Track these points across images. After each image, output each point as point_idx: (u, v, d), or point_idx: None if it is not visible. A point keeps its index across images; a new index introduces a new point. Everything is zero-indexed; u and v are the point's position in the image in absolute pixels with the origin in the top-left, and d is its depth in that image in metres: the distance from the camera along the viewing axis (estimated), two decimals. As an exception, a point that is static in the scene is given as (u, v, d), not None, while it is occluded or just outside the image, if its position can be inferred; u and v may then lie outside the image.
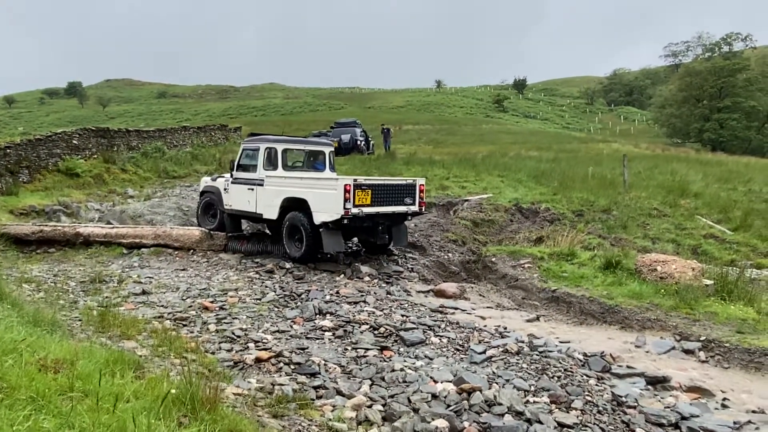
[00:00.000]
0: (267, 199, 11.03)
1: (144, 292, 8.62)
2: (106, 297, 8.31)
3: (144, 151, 22.10)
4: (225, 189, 12.20)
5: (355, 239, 12.03)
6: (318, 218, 9.97)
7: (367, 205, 9.86)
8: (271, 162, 11.43)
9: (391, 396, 5.23)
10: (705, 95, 58.98)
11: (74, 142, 19.46)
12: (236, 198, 11.88)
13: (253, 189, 11.39)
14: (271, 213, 10.95)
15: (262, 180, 11.21)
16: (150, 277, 9.64)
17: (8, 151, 16.51)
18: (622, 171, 16.76)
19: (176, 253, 11.43)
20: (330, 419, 4.63)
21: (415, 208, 10.69)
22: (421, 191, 10.75)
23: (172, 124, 37.03)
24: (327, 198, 9.81)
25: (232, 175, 12.03)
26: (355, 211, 9.62)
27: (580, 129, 72.15)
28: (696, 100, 59.39)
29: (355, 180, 9.72)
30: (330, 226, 9.90)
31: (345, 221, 9.68)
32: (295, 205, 10.47)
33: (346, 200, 9.49)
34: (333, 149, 12.84)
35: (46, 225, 12.38)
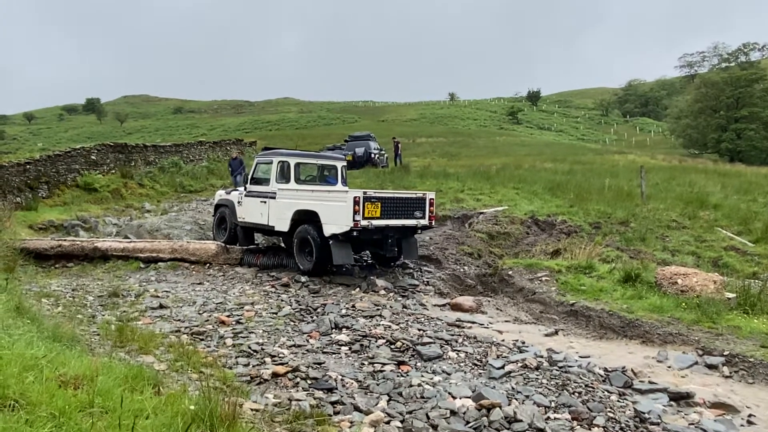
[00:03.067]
0: (279, 212, 11.16)
1: (161, 306, 8.66)
2: (124, 311, 8.36)
3: (161, 166, 22.35)
4: (239, 202, 12.40)
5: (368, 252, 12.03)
6: (328, 230, 10.04)
7: (377, 218, 9.93)
8: (284, 175, 11.57)
9: (410, 412, 5.17)
10: (722, 105, 58.36)
11: (92, 157, 19.73)
12: (249, 210, 12.05)
13: (265, 202, 11.53)
14: (283, 225, 11.07)
15: (275, 193, 11.33)
16: (167, 291, 9.69)
17: (28, 166, 16.78)
18: (640, 182, 16.58)
19: (193, 266, 11.50)
20: (348, 436, 4.58)
21: (425, 221, 10.71)
22: (431, 205, 10.77)
23: (189, 139, 37.41)
24: (337, 210, 9.89)
25: (245, 188, 12.21)
26: (364, 223, 9.69)
27: (595, 140, 71.77)
28: (713, 111, 58.78)
29: (365, 193, 9.80)
30: (339, 238, 9.96)
31: (354, 233, 9.74)
32: (305, 218, 10.56)
33: (355, 212, 9.58)
34: (345, 163, 12.99)
35: (65, 240, 12.53)
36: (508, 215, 14.31)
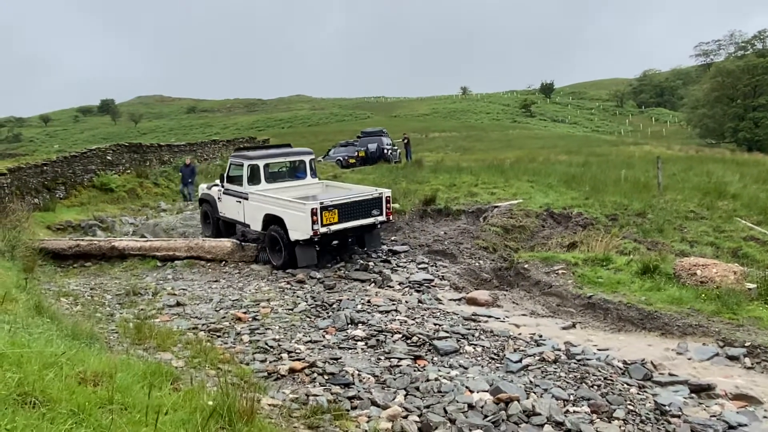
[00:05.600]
0: (252, 213, 11.92)
1: (178, 304, 8.73)
2: (142, 309, 8.44)
3: (175, 165, 22.47)
4: (218, 198, 13.17)
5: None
6: (292, 236, 10.75)
7: (335, 223, 10.71)
8: (254, 177, 12.21)
9: (427, 406, 5.16)
10: (738, 94, 57.51)
11: (108, 158, 19.90)
12: (228, 207, 12.87)
13: (240, 202, 12.26)
14: (257, 225, 11.82)
15: (248, 195, 12.01)
16: (184, 289, 9.76)
17: (45, 168, 16.95)
18: (656, 173, 16.38)
19: (209, 264, 11.56)
20: (365, 430, 4.58)
21: (382, 218, 11.51)
22: (387, 202, 11.56)
23: (202, 138, 37.63)
24: (299, 219, 10.53)
25: (223, 186, 12.89)
26: (323, 230, 10.47)
27: (610, 132, 71.09)
28: (729, 100, 57.94)
29: (321, 203, 10.53)
30: (301, 243, 10.63)
31: (315, 239, 10.52)
32: (275, 220, 11.21)
33: (314, 222, 10.32)
34: (314, 157, 13.61)
35: (83, 239, 12.65)
36: (523, 208, 14.20)
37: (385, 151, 27.66)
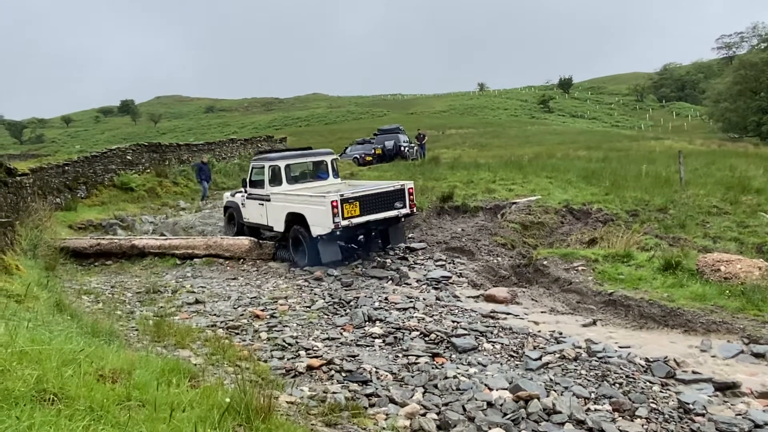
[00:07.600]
0: (275, 214, 11.94)
1: (197, 302, 8.79)
2: (161, 307, 8.50)
3: (193, 165, 22.68)
4: (242, 204, 13.24)
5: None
6: (314, 231, 10.74)
7: (357, 216, 10.60)
8: (275, 178, 12.19)
9: (445, 404, 5.12)
10: (762, 87, 56.34)
11: (128, 157, 20.13)
12: (251, 212, 12.91)
13: (263, 204, 12.27)
14: (280, 226, 11.80)
15: (269, 196, 12.01)
16: (203, 287, 9.83)
17: (66, 168, 17.20)
18: (678, 168, 16.12)
19: (227, 262, 11.63)
20: (383, 428, 4.56)
21: (406, 210, 11.39)
22: (410, 194, 11.45)
23: (220, 138, 37.85)
24: (319, 213, 10.48)
25: (246, 191, 12.92)
26: (344, 223, 10.39)
27: (630, 127, 70.19)
28: (753, 93, 56.81)
29: (341, 195, 10.43)
30: (324, 238, 10.55)
31: (337, 233, 10.49)
32: (297, 219, 11.20)
33: (334, 215, 10.22)
34: (335, 156, 13.57)
35: (103, 238, 12.81)
36: (542, 205, 14.07)
37: (402, 148, 27.59)
